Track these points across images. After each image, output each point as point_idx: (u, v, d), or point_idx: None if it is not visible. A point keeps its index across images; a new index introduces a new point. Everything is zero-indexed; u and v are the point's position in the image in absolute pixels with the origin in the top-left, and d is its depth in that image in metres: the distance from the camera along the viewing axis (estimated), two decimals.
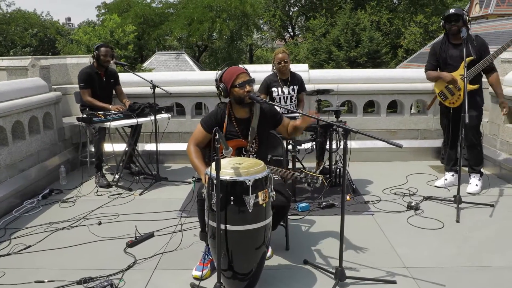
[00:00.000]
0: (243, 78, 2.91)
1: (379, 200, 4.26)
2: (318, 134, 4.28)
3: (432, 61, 4.52)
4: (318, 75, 5.75)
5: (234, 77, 2.91)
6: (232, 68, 2.98)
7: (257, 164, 2.54)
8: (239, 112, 3.04)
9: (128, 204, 4.34)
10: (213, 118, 3.04)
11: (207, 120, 3.04)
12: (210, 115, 3.08)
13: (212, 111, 3.11)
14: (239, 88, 2.90)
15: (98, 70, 5.03)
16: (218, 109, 3.08)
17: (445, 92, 4.43)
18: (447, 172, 4.71)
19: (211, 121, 3.02)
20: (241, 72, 2.93)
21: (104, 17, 27.96)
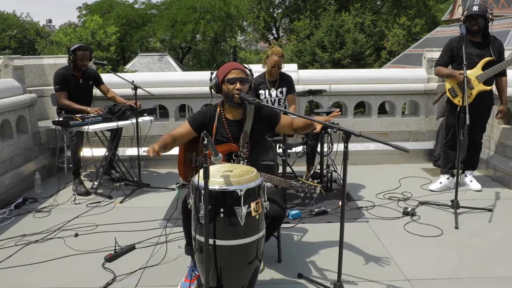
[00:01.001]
0: (235, 74, 2.69)
1: (373, 206, 4.07)
2: (310, 137, 4.07)
3: (446, 57, 4.37)
4: (308, 76, 5.56)
5: (226, 72, 2.70)
6: (229, 63, 2.77)
7: (249, 172, 2.30)
8: (231, 113, 2.81)
9: (108, 213, 4.07)
10: (201, 116, 2.83)
11: (194, 115, 2.85)
12: (198, 112, 2.87)
13: (201, 109, 2.89)
14: (228, 84, 2.68)
15: (74, 72, 4.73)
16: (208, 109, 2.85)
17: (456, 89, 4.27)
18: (443, 175, 4.55)
19: (199, 116, 2.82)
20: (235, 68, 2.71)
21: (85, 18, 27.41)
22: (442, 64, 4.40)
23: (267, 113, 2.86)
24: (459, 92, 4.23)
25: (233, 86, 2.67)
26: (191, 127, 2.78)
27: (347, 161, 2.36)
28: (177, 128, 2.84)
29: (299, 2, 33.39)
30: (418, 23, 30.84)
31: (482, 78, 4.13)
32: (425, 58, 5.62)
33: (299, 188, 2.60)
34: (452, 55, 4.30)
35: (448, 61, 4.36)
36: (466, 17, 4.15)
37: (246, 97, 2.59)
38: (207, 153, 2.05)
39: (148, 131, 4.92)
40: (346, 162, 2.36)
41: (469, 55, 4.14)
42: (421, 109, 5.57)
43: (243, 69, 2.74)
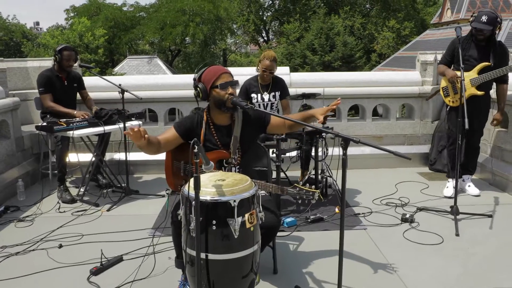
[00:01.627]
0: (226, 78, 2.54)
1: (370, 212, 3.95)
2: (304, 142, 3.93)
3: (448, 56, 4.28)
4: (300, 79, 5.43)
5: (216, 77, 2.55)
6: (214, 67, 2.61)
7: (243, 181, 2.16)
8: (219, 118, 2.66)
9: (94, 222, 3.88)
10: (188, 121, 2.67)
11: (181, 121, 2.69)
12: (185, 118, 2.72)
13: (188, 115, 2.73)
14: (220, 90, 2.53)
15: (59, 73, 4.56)
16: (195, 114, 2.70)
17: (449, 89, 4.20)
18: (452, 180, 4.37)
19: (186, 122, 2.66)
20: (224, 72, 2.56)
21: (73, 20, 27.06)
22: (443, 63, 4.34)
23: (256, 115, 2.72)
24: (451, 92, 4.18)
25: (225, 91, 2.53)
26: (177, 133, 2.63)
27: (346, 168, 2.22)
28: (163, 133, 2.68)
29: (288, 5, 33.40)
30: (407, 26, 31.02)
31: (476, 82, 4.05)
32: (419, 60, 5.53)
33: (296, 195, 2.45)
34: (453, 55, 4.22)
35: (450, 61, 4.28)
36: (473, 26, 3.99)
37: (238, 101, 2.44)
38: (197, 161, 1.90)
39: None
40: (345, 170, 2.22)
41: (469, 57, 4.09)
42: (416, 112, 5.47)
43: (230, 72, 2.61)
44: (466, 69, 4.04)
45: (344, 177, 2.20)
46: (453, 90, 4.15)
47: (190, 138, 2.61)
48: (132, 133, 2.28)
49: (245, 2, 33.18)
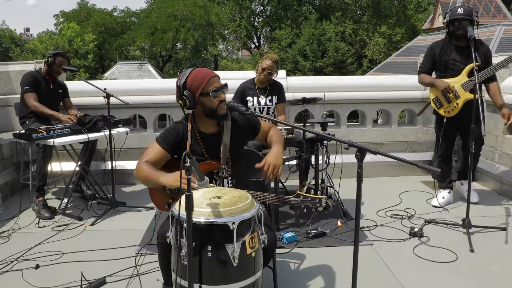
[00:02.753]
0: (216, 83, 2.27)
1: (375, 226, 3.67)
2: (304, 150, 3.66)
3: (428, 63, 4.02)
4: (298, 83, 5.17)
5: (205, 83, 2.25)
6: (200, 71, 2.31)
7: (243, 198, 1.87)
8: (205, 126, 2.38)
9: (77, 238, 3.56)
10: (172, 133, 2.36)
11: (165, 135, 2.36)
12: (168, 130, 2.40)
13: (169, 126, 2.44)
14: (212, 97, 2.24)
15: (46, 76, 4.34)
16: (178, 124, 2.40)
17: (441, 98, 3.94)
18: (443, 190, 4.20)
19: (170, 135, 2.35)
20: (213, 76, 2.28)
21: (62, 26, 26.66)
22: (424, 71, 4.07)
23: (245, 121, 2.46)
24: (444, 102, 3.92)
25: (217, 98, 2.25)
26: (164, 149, 2.32)
27: (361, 183, 1.95)
28: (146, 152, 2.35)
29: (280, 11, 33.33)
30: (399, 32, 31.10)
31: (468, 86, 3.80)
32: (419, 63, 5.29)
33: (300, 204, 2.17)
34: (434, 61, 3.98)
35: (431, 68, 4.04)
36: (450, 20, 3.81)
37: (237, 107, 2.15)
38: (190, 178, 1.61)
39: (124, 143, 4.43)
40: (361, 185, 1.96)
41: (453, 61, 3.87)
42: (418, 118, 5.23)
43: (218, 75, 2.33)
44: (453, 74, 3.86)
45: (359, 193, 1.93)
46: (446, 100, 3.90)
47: (178, 152, 2.33)
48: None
49: (237, 8, 33.05)
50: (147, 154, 2.35)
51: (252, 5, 33.46)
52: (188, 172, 1.61)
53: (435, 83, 3.93)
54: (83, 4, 29.13)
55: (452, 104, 3.88)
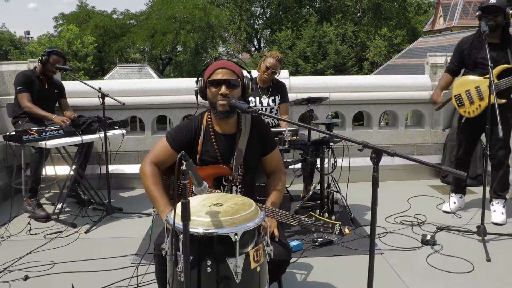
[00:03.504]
0: (220, 74, 2.08)
1: (385, 233, 3.48)
2: (310, 153, 3.47)
3: (455, 60, 3.77)
4: (301, 83, 4.99)
5: (211, 72, 2.10)
6: (219, 61, 2.15)
7: (246, 206, 1.68)
8: (222, 125, 2.19)
9: (70, 247, 3.37)
10: (184, 131, 2.18)
11: (176, 133, 2.18)
12: (180, 127, 2.22)
13: (183, 121, 2.26)
14: (211, 87, 2.09)
15: (40, 75, 4.16)
16: (191, 121, 2.22)
17: (463, 97, 3.64)
18: (454, 194, 3.99)
19: (182, 134, 2.17)
20: (221, 67, 2.09)
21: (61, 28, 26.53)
22: (450, 70, 3.85)
23: (264, 129, 2.25)
24: (466, 101, 3.63)
25: (217, 90, 2.07)
26: (172, 148, 2.15)
27: (377, 187, 1.77)
28: (154, 151, 2.19)
29: (280, 13, 33.20)
30: (399, 34, 30.93)
31: (496, 88, 3.42)
32: (428, 63, 5.12)
33: (311, 226, 1.98)
34: (462, 59, 3.70)
35: (457, 66, 3.78)
36: (481, 9, 3.49)
37: (236, 103, 1.96)
38: (186, 182, 1.42)
39: (120, 146, 4.24)
40: (376, 190, 1.77)
41: (482, 59, 3.53)
42: (426, 120, 5.05)
43: (233, 69, 2.12)
44: (482, 73, 3.55)
45: (374, 200, 1.74)
46: (469, 99, 3.62)
47: (189, 151, 2.15)
48: None
49: (237, 10, 32.93)
50: (154, 154, 2.18)
51: (252, 8, 33.35)
52: (184, 176, 1.42)
53: (436, 91, 3.83)
54: (83, 6, 29.00)
55: (474, 105, 3.61)
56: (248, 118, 2.20)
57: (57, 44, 23.11)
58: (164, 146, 2.15)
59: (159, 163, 2.13)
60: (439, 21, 24.34)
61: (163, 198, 2.01)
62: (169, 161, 2.16)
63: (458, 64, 3.77)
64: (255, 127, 2.22)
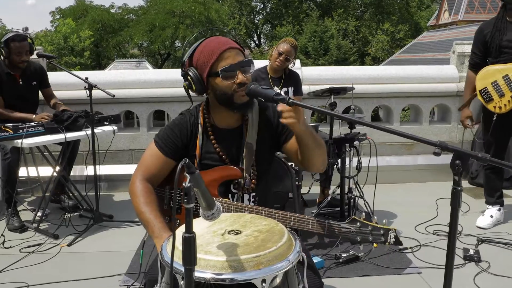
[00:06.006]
0: (231, 58, 1.55)
1: (418, 246, 2.98)
2: (331, 153, 2.96)
3: (477, 50, 3.22)
4: (314, 74, 4.47)
5: (215, 57, 1.56)
6: (212, 41, 1.61)
7: (275, 234, 1.18)
8: (223, 119, 1.69)
9: (48, 264, 2.87)
10: (176, 130, 1.67)
11: (166, 134, 1.67)
12: (171, 126, 1.69)
13: (175, 120, 1.73)
14: (223, 79, 1.55)
15: (11, 71, 3.54)
16: (185, 116, 1.71)
17: (490, 90, 3.13)
18: (491, 206, 3.43)
19: (174, 135, 1.66)
20: (228, 48, 1.56)
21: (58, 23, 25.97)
22: (474, 64, 3.26)
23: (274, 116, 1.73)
24: (495, 95, 3.11)
25: (231, 80, 1.55)
26: (165, 156, 1.65)
27: (458, 207, 1.27)
28: (142, 160, 1.70)
29: (280, 8, 32.67)
30: (402, 29, 30.45)
31: None
32: (455, 52, 4.61)
33: (356, 236, 1.47)
34: (486, 46, 3.16)
35: (481, 56, 3.21)
36: None
37: (259, 89, 1.44)
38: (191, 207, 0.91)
39: (110, 143, 3.73)
40: (457, 212, 1.27)
41: (508, 42, 3.06)
42: (453, 115, 4.54)
43: (240, 47, 1.61)
44: (508, 59, 3.06)
45: (454, 224, 1.25)
46: (498, 92, 3.09)
47: (186, 154, 1.65)
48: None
49: (236, 5, 32.39)
50: (143, 165, 1.68)
51: (252, 2, 32.83)
52: (188, 198, 0.91)
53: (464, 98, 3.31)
54: (80, 1, 28.40)
55: (505, 98, 3.11)
56: (256, 106, 1.70)
57: (52, 39, 22.57)
58: (154, 154, 1.65)
59: (153, 178, 1.64)
60: (444, 15, 23.82)
61: (158, 220, 1.51)
62: (164, 173, 1.66)
63: (482, 54, 3.21)
64: (264, 113, 1.71)
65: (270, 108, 1.73)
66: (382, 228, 1.43)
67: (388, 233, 1.43)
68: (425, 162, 4.46)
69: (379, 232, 1.43)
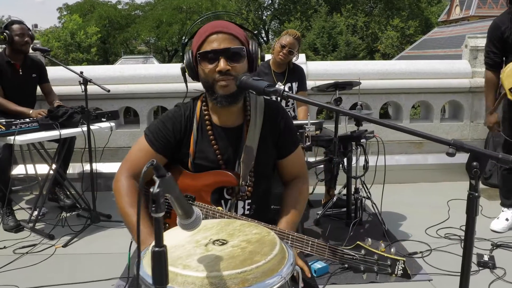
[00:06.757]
0: (216, 42, 1.40)
1: (429, 251, 2.82)
2: (336, 152, 2.80)
3: (495, 48, 2.98)
4: (320, 69, 4.31)
5: (202, 40, 1.42)
6: (212, 22, 1.46)
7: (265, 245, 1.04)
8: (222, 116, 1.53)
9: (41, 266, 2.75)
10: (169, 124, 1.52)
11: (158, 128, 1.52)
12: (164, 119, 1.54)
13: (168, 112, 1.59)
14: (203, 62, 1.41)
15: (11, 60, 3.47)
16: (179, 109, 1.56)
17: None
18: (507, 209, 3.25)
19: (166, 129, 1.51)
20: (216, 31, 1.41)
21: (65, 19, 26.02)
22: (493, 64, 3.03)
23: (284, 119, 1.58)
24: None
25: (213, 66, 1.40)
26: (155, 151, 1.50)
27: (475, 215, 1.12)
28: (129, 155, 1.56)
29: (288, 3, 32.43)
30: (412, 25, 30.06)
31: None
32: (467, 46, 4.42)
33: (359, 264, 1.33)
34: (502, 42, 2.94)
35: (498, 54, 2.99)
36: None
37: (249, 81, 1.30)
38: (159, 217, 0.77)
39: (108, 141, 3.61)
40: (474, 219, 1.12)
41: None
42: (465, 112, 4.36)
43: (234, 32, 1.43)
44: None
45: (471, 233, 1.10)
46: None
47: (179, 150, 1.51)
48: None
49: (244, 1, 32.22)
50: (129, 160, 1.55)
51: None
52: (156, 205, 0.78)
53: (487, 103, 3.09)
54: None
55: None
56: (260, 103, 1.54)
57: (59, 35, 22.56)
58: (143, 149, 1.51)
59: (138, 173, 1.48)
60: (455, 10, 23.42)
61: (146, 225, 1.37)
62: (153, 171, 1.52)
63: (500, 52, 2.98)
64: (270, 115, 1.55)
65: (279, 112, 1.58)
66: (390, 258, 1.28)
67: (395, 263, 1.27)
68: (436, 161, 4.29)
69: (386, 262, 1.27)
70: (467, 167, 1.09)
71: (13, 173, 4.06)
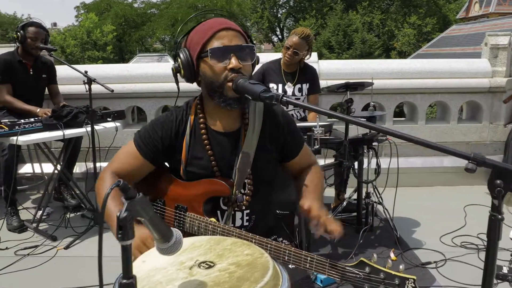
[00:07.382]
0: (227, 39, 1.30)
1: (444, 261, 2.67)
2: (347, 156, 2.67)
3: None
4: (333, 68, 4.17)
5: (209, 36, 1.32)
6: (212, 20, 1.37)
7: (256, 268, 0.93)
8: (219, 120, 1.44)
9: (41, 268, 2.70)
10: (160, 128, 1.43)
11: (148, 132, 1.44)
12: (154, 123, 1.46)
13: (160, 117, 1.49)
14: (212, 60, 1.30)
15: (23, 59, 3.45)
16: (172, 113, 1.47)
17: None
18: None
19: (156, 134, 1.42)
20: (224, 28, 1.31)
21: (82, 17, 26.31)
22: None
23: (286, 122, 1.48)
24: None
25: (223, 64, 1.30)
26: (143, 157, 1.42)
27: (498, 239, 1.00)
28: (117, 156, 1.47)
29: (304, 1, 32.19)
30: (429, 23, 29.55)
31: None
32: (487, 44, 4.23)
33: (363, 284, 1.21)
34: None
35: None
36: None
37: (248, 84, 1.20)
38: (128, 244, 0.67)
39: (113, 141, 3.54)
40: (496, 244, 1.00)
41: None
42: (484, 113, 4.18)
43: (241, 31, 1.35)
44: None
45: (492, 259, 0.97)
46: None
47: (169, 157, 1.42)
48: None
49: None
50: (116, 161, 1.46)
51: None
52: (123, 232, 0.68)
53: None
54: None
55: None
56: (260, 107, 1.44)
57: (76, 33, 22.78)
58: (131, 152, 1.42)
59: (125, 178, 1.38)
60: (474, 7, 22.91)
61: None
62: (139, 175, 1.44)
63: None
64: (271, 119, 1.45)
65: (279, 115, 1.48)
66: (398, 276, 1.16)
67: (405, 283, 1.15)
68: (452, 164, 4.12)
69: (394, 282, 1.15)
70: (489, 186, 0.97)
71: (21, 171, 4.04)
